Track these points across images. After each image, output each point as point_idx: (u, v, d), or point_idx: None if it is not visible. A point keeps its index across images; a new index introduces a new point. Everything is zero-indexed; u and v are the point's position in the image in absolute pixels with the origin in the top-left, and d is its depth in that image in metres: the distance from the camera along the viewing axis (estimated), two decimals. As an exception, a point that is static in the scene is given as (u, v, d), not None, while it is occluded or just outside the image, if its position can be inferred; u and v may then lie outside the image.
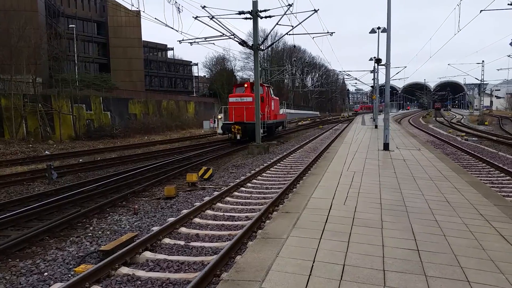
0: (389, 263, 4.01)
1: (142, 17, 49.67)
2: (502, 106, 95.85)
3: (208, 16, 18.12)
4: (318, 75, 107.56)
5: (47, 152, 20.80)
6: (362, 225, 5.27)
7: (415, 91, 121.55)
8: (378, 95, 39.61)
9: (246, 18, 19.27)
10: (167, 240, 6.45)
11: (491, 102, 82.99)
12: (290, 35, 42.82)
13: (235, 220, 7.62)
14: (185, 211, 7.96)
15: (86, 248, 6.36)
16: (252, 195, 9.78)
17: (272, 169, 13.58)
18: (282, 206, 6.55)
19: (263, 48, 25.10)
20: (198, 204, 8.56)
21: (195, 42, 20.24)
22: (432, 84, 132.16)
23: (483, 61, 54.78)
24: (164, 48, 77.22)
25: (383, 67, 16.22)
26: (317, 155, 15.81)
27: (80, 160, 17.98)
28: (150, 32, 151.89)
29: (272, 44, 64.48)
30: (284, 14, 18.69)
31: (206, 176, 12.15)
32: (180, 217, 7.42)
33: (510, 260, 4.12)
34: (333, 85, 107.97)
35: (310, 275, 3.72)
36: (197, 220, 7.63)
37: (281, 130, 31.79)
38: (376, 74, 37.20)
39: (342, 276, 3.69)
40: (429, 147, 16.00)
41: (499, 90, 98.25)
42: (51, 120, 27.49)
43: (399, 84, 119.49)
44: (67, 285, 4.57)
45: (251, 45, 20.59)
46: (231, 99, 23.67)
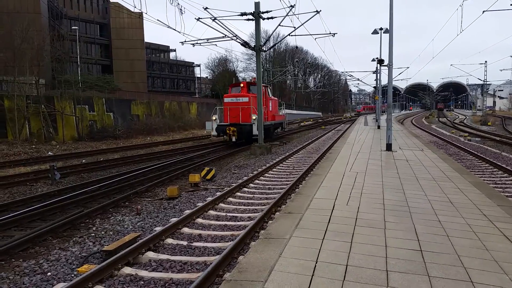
0: (392, 263, 4.00)
1: (144, 18, 50.02)
2: (505, 106, 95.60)
3: (210, 18, 18.15)
4: (320, 75, 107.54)
5: (50, 153, 20.87)
6: (365, 225, 5.25)
7: (417, 92, 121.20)
8: (381, 96, 39.57)
9: (248, 20, 19.30)
10: (170, 240, 6.46)
11: (494, 102, 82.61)
12: (292, 36, 42.72)
13: (238, 221, 7.62)
14: (187, 212, 7.96)
15: (89, 248, 6.37)
16: (255, 195, 9.78)
17: (274, 169, 13.58)
18: (285, 207, 6.53)
19: (265, 49, 25.11)
20: (200, 204, 8.57)
21: (197, 44, 20.27)
22: (434, 84, 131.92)
23: (486, 61, 54.54)
24: (166, 50, 77.34)
25: (386, 67, 16.18)
26: (319, 155, 15.81)
27: (83, 160, 18.03)
28: (152, 34, 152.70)
29: (274, 45, 64.42)
30: (286, 16, 18.71)
31: (209, 177, 12.17)
32: (182, 217, 7.43)
33: (514, 260, 4.09)
34: (335, 85, 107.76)
35: (313, 275, 3.72)
36: (199, 220, 7.63)
37: (280, 132, 30.41)
38: (378, 74, 37.22)
39: (345, 277, 3.68)
40: (432, 147, 15.94)
41: (502, 90, 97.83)
42: (54, 121, 27.58)
43: (402, 85, 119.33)
44: (70, 285, 4.59)
45: (253, 46, 20.63)
46: (226, 100, 22.60)
